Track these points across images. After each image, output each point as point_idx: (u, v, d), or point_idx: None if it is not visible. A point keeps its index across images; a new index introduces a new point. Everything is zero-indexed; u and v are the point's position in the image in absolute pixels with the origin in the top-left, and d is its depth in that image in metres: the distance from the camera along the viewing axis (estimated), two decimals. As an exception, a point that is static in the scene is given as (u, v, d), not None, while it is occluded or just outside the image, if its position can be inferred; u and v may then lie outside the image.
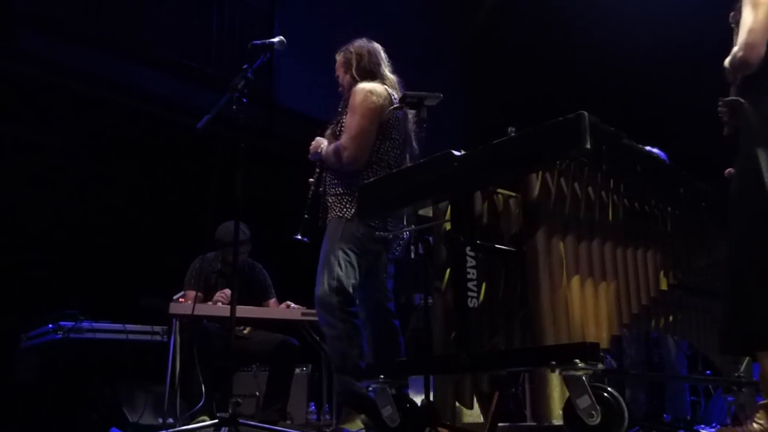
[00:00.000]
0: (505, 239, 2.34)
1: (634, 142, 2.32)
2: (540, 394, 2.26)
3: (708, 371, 4.31)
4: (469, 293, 2.12)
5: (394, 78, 3.24)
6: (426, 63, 6.82)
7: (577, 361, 1.77)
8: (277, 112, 6.52)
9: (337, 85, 3.34)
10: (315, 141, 3.23)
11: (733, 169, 2.43)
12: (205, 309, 3.82)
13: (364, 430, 2.84)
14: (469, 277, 2.13)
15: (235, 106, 2.87)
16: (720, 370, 3.23)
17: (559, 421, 2.12)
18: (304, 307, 4.15)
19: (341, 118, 3.17)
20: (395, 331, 3.14)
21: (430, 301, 2.48)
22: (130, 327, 4.25)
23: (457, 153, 2.19)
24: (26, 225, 4.94)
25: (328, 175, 3.18)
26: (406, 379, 2.58)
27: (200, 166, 3.79)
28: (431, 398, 2.44)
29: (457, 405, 2.33)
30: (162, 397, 3.67)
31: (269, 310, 4.19)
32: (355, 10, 6.90)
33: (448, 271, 2.32)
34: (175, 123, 5.44)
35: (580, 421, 1.79)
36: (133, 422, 3.89)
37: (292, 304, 4.20)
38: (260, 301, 4.26)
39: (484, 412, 2.36)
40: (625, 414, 1.79)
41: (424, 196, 2.39)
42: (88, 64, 5.36)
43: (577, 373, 1.78)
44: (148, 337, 4.27)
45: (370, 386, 2.35)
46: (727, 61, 2.36)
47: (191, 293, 3.99)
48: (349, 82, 3.22)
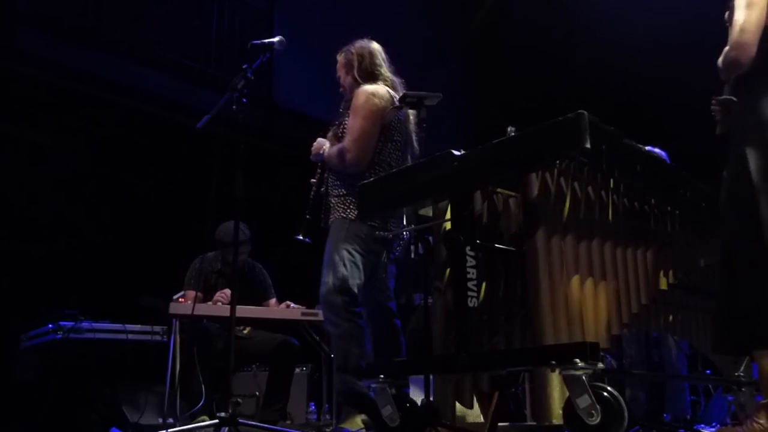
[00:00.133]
0: (505, 239, 2.34)
1: (634, 142, 2.32)
2: (540, 394, 2.26)
3: (708, 371, 4.32)
4: (469, 293, 2.12)
5: (396, 79, 3.24)
6: (426, 63, 6.81)
7: (577, 360, 1.78)
8: (277, 112, 6.52)
9: (337, 85, 3.34)
10: (317, 142, 3.23)
11: (725, 170, 2.42)
12: (205, 309, 3.82)
13: (364, 430, 2.84)
14: (468, 276, 2.13)
15: (234, 106, 2.87)
16: (720, 369, 3.24)
17: (559, 421, 2.12)
18: (304, 307, 4.16)
19: (343, 120, 3.17)
20: (396, 331, 3.14)
21: (430, 300, 2.48)
22: (130, 327, 4.25)
23: (457, 153, 2.19)
24: (26, 225, 4.94)
25: (331, 176, 3.18)
26: (407, 379, 2.58)
27: (200, 166, 3.78)
28: (431, 398, 2.44)
29: (458, 405, 2.33)
30: (162, 397, 3.67)
31: (269, 310, 4.19)
32: (355, 10, 6.90)
33: (448, 271, 2.32)
34: (175, 123, 5.44)
35: (580, 420, 1.79)
36: (133, 422, 3.89)
37: (292, 304, 4.20)
38: (260, 301, 4.26)
39: (484, 411, 2.36)
40: (625, 413, 1.79)
41: (424, 196, 2.40)
42: (88, 64, 5.37)
43: (577, 373, 1.78)
44: (148, 337, 4.26)
45: (371, 386, 2.35)
46: (719, 60, 2.36)
47: (191, 293, 4.00)
48: (351, 84, 3.22)
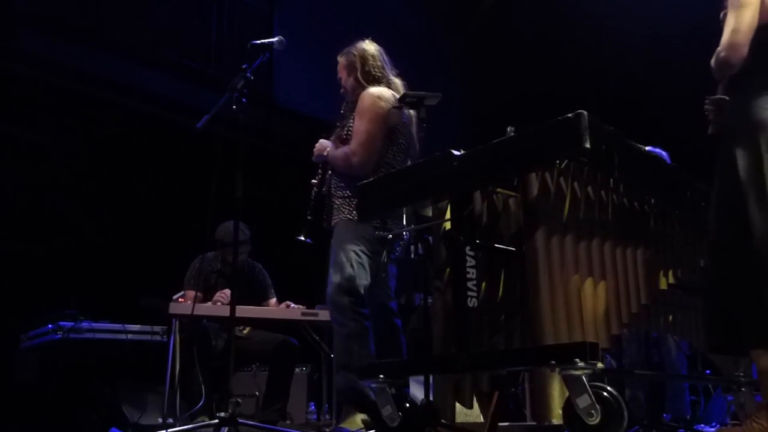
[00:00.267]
0: (505, 239, 2.33)
1: (634, 142, 2.32)
2: (540, 394, 2.26)
3: (708, 371, 4.31)
4: (469, 293, 2.11)
5: (399, 81, 3.24)
6: (426, 63, 6.82)
7: (577, 360, 1.77)
8: (277, 112, 6.52)
9: (337, 85, 3.34)
10: (319, 143, 3.22)
11: (715, 172, 2.42)
12: (204, 309, 3.83)
13: (364, 430, 2.84)
14: (468, 276, 2.13)
15: (234, 106, 2.87)
16: (720, 369, 3.23)
17: (558, 421, 2.12)
18: (304, 307, 4.16)
19: (347, 122, 3.17)
20: (397, 331, 3.14)
21: (430, 300, 2.48)
22: (130, 327, 4.24)
23: (457, 153, 2.19)
24: (26, 225, 4.94)
25: (334, 178, 3.18)
26: (407, 378, 2.58)
27: (200, 166, 3.78)
28: (431, 398, 2.44)
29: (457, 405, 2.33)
30: (162, 397, 3.67)
31: (269, 310, 4.19)
32: (355, 10, 6.89)
33: (447, 271, 2.32)
34: (175, 123, 5.44)
35: (579, 420, 1.79)
36: (133, 422, 3.89)
37: (292, 304, 4.20)
38: (260, 301, 4.26)
39: (483, 411, 2.36)
40: (625, 413, 1.79)
41: (424, 196, 2.39)
42: (87, 64, 5.36)
43: (576, 373, 1.78)
44: (147, 337, 4.26)
45: (370, 386, 2.35)
46: (712, 60, 2.36)
47: (191, 293, 4.00)
48: (353, 85, 3.22)
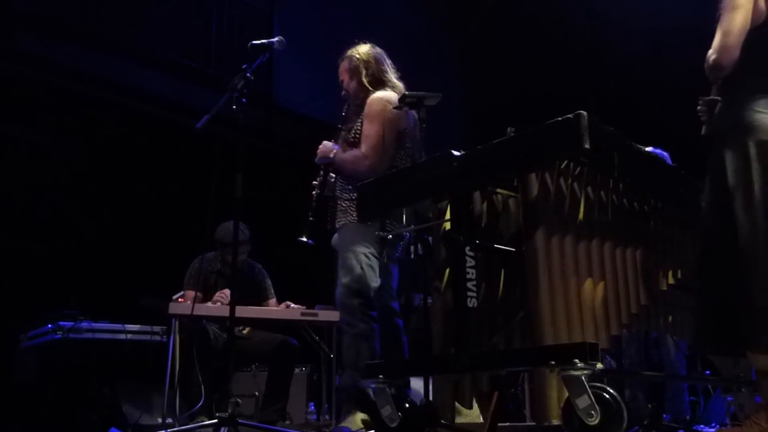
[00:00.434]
0: (505, 239, 2.34)
1: (634, 142, 2.32)
2: (539, 394, 2.26)
3: (707, 371, 4.32)
4: (469, 293, 2.12)
5: (401, 84, 3.24)
6: (426, 63, 6.81)
7: (577, 361, 1.77)
8: (277, 112, 6.51)
9: (337, 86, 3.34)
10: (323, 145, 3.22)
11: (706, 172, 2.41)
12: (204, 309, 3.82)
13: (364, 430, 2.84)
14: (468, 276, 2.13)
15: (234, 106, 2.87)
16: (719, 370, 3.23)
17: (558, 421, 2.12)
18: (304, 307, 4.16)
19: (353, 125, 3.17)
20: (398, 330, 3.16)
21: (430, 301, 2.48)
22: (130, 327, 4.24)
23: (457, 153, 2.19)
24: (25, 225, 4.93)
25: (340, 180, 3.19)
26: (407, 379, 2.58)
27: (200, 166, 3.78)
28: (431, 398, 2.44)
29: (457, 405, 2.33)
30: (161, 398, 3.66)
31: (269, 310, 4.19)
32: (355, 10, 6.89)
33: (447, 271, 2.32)
34: (175, 123, 5.44)
35: (579, 420, 1.79)
36: (132, 422, 3.89)
37: (292, 304, 4.20)
38: (260, 301, 4.26)
39: (483, 412, 2.36)
40: (624, 414, 1.79)
41: (424, 196, 2.40)
42: (87, 64, 5.36)
43: (576, 373, 1.78)
44: (147, 337, 4.26)
45: (370, 386, 2.35)
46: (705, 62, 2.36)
47: (190, 293, 4.00)
48: (356, 89, 3.23)
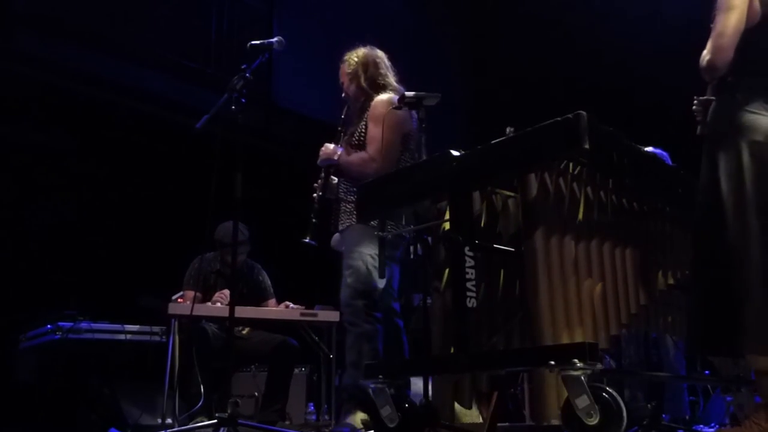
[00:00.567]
0: (504, 239, 2.34)
1: (634, 142, 2.32)
2: (539, 394, 2.26)
3: (706, 371, 4.31)
4: (468, 293, 2.11)
5: (400, 87, 3.24)
6: (426, 63, 6.81)
7: (576, 361, 1.77)
8: (276, 112, 6.51)
9: (336, 86, 3.34)
10: (325, 147, 3.22)
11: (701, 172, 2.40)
12: (204, 309, 3.83)
13: (363, 430, 2.84)
14: (467, 277, 2.13)
15: (233, 107, 2.87)
16: (718, 369, 3.23)
17: (558, 421, 2.12)
18: (303, 307, 4.16)
19: (356, 128, 3.17)
20: (399, 330, 3.16)
21: (429, 301, 2.48)
22: (129, 327, 4.24)
23: (456, 153, 2.19)
24: (25, 225, 4.93)
25: (344, 183, 3.19)
26: (407, 379, 2.58)
27: (199, 166, 3.78)
28: (430, 398, 2.44)
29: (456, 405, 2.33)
30: (161, 398, 3.66)
31: (268, 310, 4.19)
32: (354, 11, 6.89)
33: (446, 271, 2.32)
34: (175, 123, 5.43)
35: (578, 420, 1.79)
36: (132, 422, 3.89)
37: (291, 305, 4.20)
38: (259, 302, 4.26)
39: (483, 412, 2.36)
40: (624, 414, 1.79)
41: (424, 196, 2.40)
42: (87, 64, 5.36)
43: (575, 373, 1.78)
44: (146, 338, 4.25)
45: (370, 386, 2.35)
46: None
47: (190, 293, 4.00)
48: (356, 92, 3.23)
